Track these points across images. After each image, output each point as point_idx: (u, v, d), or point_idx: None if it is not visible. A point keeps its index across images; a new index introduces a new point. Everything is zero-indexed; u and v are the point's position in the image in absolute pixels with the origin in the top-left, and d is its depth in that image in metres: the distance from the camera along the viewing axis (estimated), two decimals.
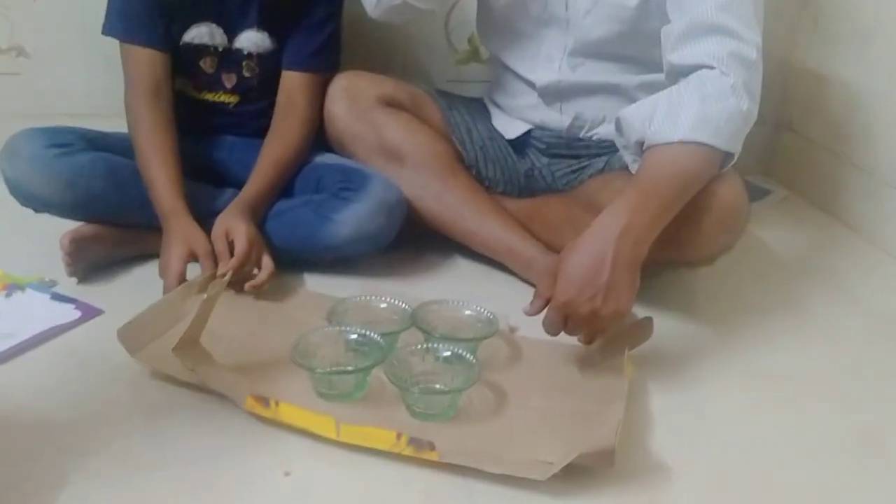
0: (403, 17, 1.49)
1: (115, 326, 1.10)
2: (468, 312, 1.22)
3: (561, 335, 1.13)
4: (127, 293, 1.30)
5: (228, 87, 1.51)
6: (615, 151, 1.36)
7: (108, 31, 1.43)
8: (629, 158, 1.28)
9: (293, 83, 1.49)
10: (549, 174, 1.54)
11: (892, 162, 1.68)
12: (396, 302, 1.23)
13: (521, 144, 1.54)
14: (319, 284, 1.39)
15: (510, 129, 1.54)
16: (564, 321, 1.10)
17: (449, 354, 1.09)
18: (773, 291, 1.50)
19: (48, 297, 1.29)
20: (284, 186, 1.45)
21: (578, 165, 1.51)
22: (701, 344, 1.30)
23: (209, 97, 1.51)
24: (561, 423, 1.05)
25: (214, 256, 1.28)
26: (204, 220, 1.33)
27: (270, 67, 1.50)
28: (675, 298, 1.40)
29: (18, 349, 1.15)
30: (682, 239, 1.23)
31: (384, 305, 1.23)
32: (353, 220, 1.38)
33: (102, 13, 1.43)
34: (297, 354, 1.06)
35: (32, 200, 1.34)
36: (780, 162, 2.05)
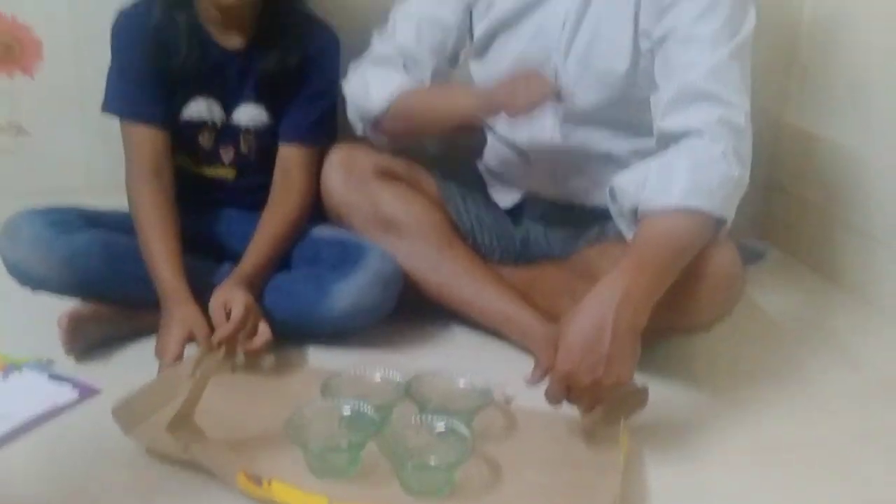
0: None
1: (111, 406, 1.11)
2: (462, 383, 1.22)
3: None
4: (125, 372, 1.30)
5: (226, 161, 1.53)
6: (610, 218, 1.37)
7: (108, 108, 1.46)
8: (624, 226, 1.29)
9: (290, 156, 1.52)
10: (545, 241, 1.55)
11: (885, 221, 1.69)
12: (390, 374, 1.23)
13: (516, 212, 1.56)
14: (315, 356, 1.39)
15: (505, 197, 1.56)
16: (566, 391, 1.10)
17: (443, 428, 1.09)
18: (771, 357, 1.50)
19: (46, 377, 1.29)
20: (282, 260, 1.46)
21: (574, 232, 1.52)
22: (699, 413, 1.29)
23: (207, 172, 1.54)
24: (557, 497, 1.04)
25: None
26: (202, 294, 1.33)
27: (267, 141, 1.53)
28: (672, 366, 1.40)
29: (15, 431, 1.14)
30: (678, 306, 1.23)
31: (378, 378, 1.23)
32: (350, 292, 1.38)
33: (101, 89, 1.45)
34: (290, 430, 1.06)
35: (30, 280, 1.35)
36: (773, 224, 2.06)
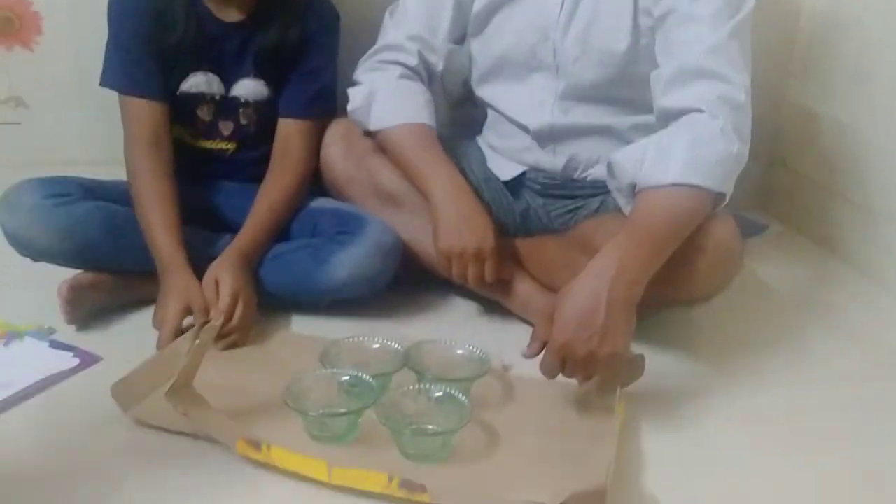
0: None
1: (113, 373, 1.12)
2: (460, 352, 1.23)
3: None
4: (125, 340, 1.31)
5: (226, 134, 1.53)
6: (610, 191, 1.37)
7: (106, 82, 1.45)
8: (622, 201, 1.29)
9: (289, 131, 1.52)
10: (544, 214, 1.55)
11: (884, 196, 1.69)
12: (389, 342, 1.23)
13: (516, 185, 1.56)
14: (314, 326, 1.39)
15: (505, 170, 1.55)
16: (562, 364, 1.11)
17: (441, 395, 1.09)
18: (769, 328, 1.50)
19: (47, 344, 1.30)
20: (280, 232, 1.46)
21: (574, 205, 1.52)
22: (697, 382, 1.29)
23: (207, 145, 1.54)
24: (553, 463, 1.05)
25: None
26: (200, 265, 1.34)
27: (267, 115, 1.52)
28: (670, 336, 1.40)
29: (16, 398, 1.15)
30: (676, 279, 1.23)
31: (377, 346, 1.23)
32: (349, 263, 1.39)
33: (100, 63, 1.45)
34: (289, 397, 1.07)
35: (30, 250, 1.35)
36: (774, 197, 2.06)
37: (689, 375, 1.31)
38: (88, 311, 1.36)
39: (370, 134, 1.49)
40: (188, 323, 1.29)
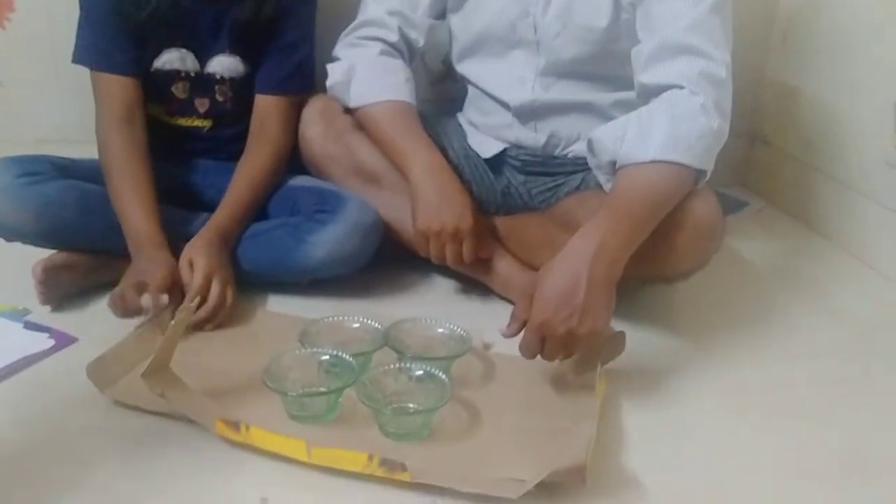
0: None
1: (89, 354, 1.10)
2: (441, 330, 1.22)
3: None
4: (101, 320, 1.29)
5: (202, 111, 1.51)
6: (590, 169, 1.37)
7: (78, 59, 1.43)
8: (602, 178, 1.28)
9: (266, 107, 1.50)
10: (525, 192, 1.54)
11: (864, 172, 1.70)
12: (369, 322, 1.22)
13: (497, 163, 1.54)
14: (293, 305, 1.38)
15: (486, 147, 1.54)
16: (541, 343, 1.10)
17: (421, 373, 1.09)
18: (750, 303, 1.51)
19: (21, 325, 1.28)
20: (258, 210, 1.45)
21: (554, 183, 1.51)
22: (677, 358, 1.29)
23: (182, 122, 1.51)
24: (533, 440, 1.05)
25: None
26: (177, 244, 1.33)
27: (243, 91, 1.50)
28: (651, 313, 1.41)
29: None
30: (657, 256, 1.23)
31: (357, 325, 1.22)
32: (328, 241, 1.37)
33: (73, 40, 1.43)
34: (268, 377, 1.06)
35: (2, 230, 1.33)
36: (755, 174, 2.06)
37: (669, 351, 1.32)
38: (63, 291, 1.34)
39: (349, 111, 1.47)
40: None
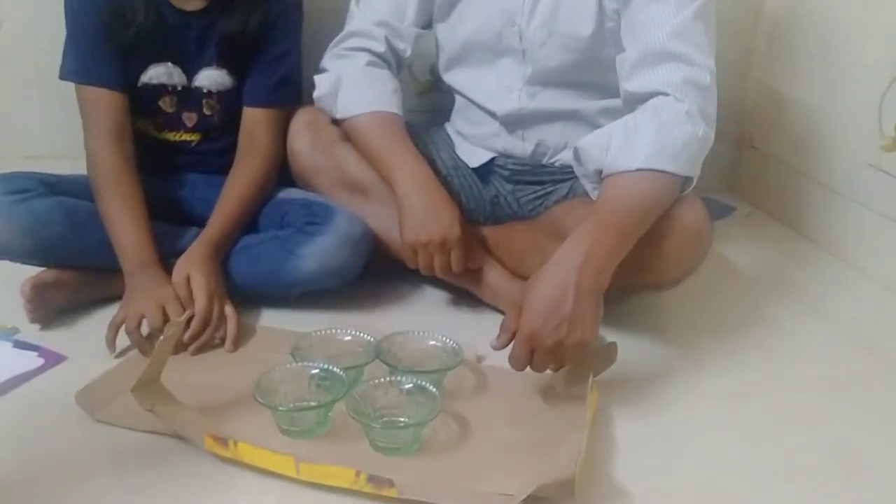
0: None
1: (79, 372, 1.11)
2: (433, 343, 1.22)
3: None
4: (91, 338, 1.29)
5: (189, 125, 1.51)
6: (578, 177, 1.37)
7: (64, 74, 1.42)
8: (589, 187, 1.29)
9: (254, 119, 1.49)
10: (514, 201, 1.54)
11: (850, 176, 1.70)
12: (360, 334, 1.23)
13: (485, 172, 1.55)
14: (285, 319, 1.38)
15: (474, 157, 1.55)
16: (530, 353, 1.10)
17: (412, 387, 1.09)
18: (739, 309, 1.51)
19: (10, 344, 1.27)
20: (248, 223, 1.44)
21: (543, 191, 1.52)
22: (667, 366, 1.30)
23: (170, 136, 1.51)
24: (524, 453, 1.05)
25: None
26: (167, 259, 1.33)
27: (231, 104, 1.50)
28: (640, 321, 1.41)
29: None
30: (645, 263, 1.24)
31: (348, 338, 1.23)
32: (318, 254, 1.37)
33: (59, 57, 1.42)
34: (258, 392, 1.06)
35: None
36: (742, 179, 2.07)
37: (659, 359, 1.32)
38: (52, 309, 1.33)
39: (337, 122, 1.47)
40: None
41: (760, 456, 1.09)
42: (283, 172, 1.51)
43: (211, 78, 1.48)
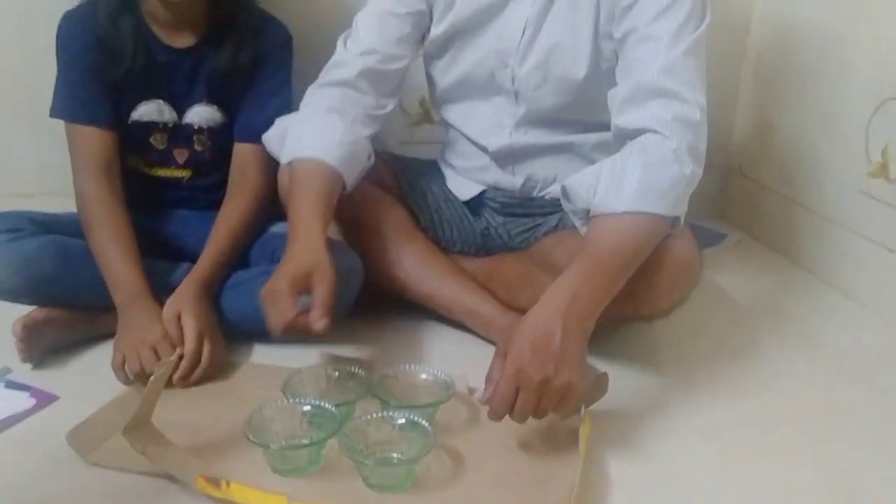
0: None
1: (71, 412, 1.10)
2: (425, 376, 1.22)
3: None
4: (83, 377, 1.29)
5: (180, 161, 1.52)
6: None
7: (56, 112, 1.44)
8: (578, 223, 1.28)
9: (245, 155, 1.50)
10: (504, 233, 1.55)
11: (839, 203, 1.71)
12: (352, 369, 1.22)
13: (476, 205, 1.55)
14: (276, 355, 1.37)
15: (464, 190, 1.55)
16: (515, 394, 1.06)
17: (404, 422, 1.08)
18: (732, 338, 1.51)
19: (2, 385, 1.27)
20: (239, 258, 1.45)
21: (533, 223, 1.52)
22: (660, 397, 1.29)
23: (161, 173, 1.52)
24: (517, 487, 1.04)
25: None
26: (159, 296, 1.33)
27: (222, 140, 1.51)
28: (632, 351, 1.41)
29: None
30: (635, 296, 1.23)
31: (340, 374, 1.22)
32: None
33: (49, 95, 1.43)
34: (249, 430, 1.05)
35: None
36: (733, 206, 2.08)
37: (651, 390, 1.31)
38: (44, 348, 1.33)
39: None
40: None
41: (756, 490, 1.08)
42: (274, 206, 1.52)
43: (201, 114, 1.49)
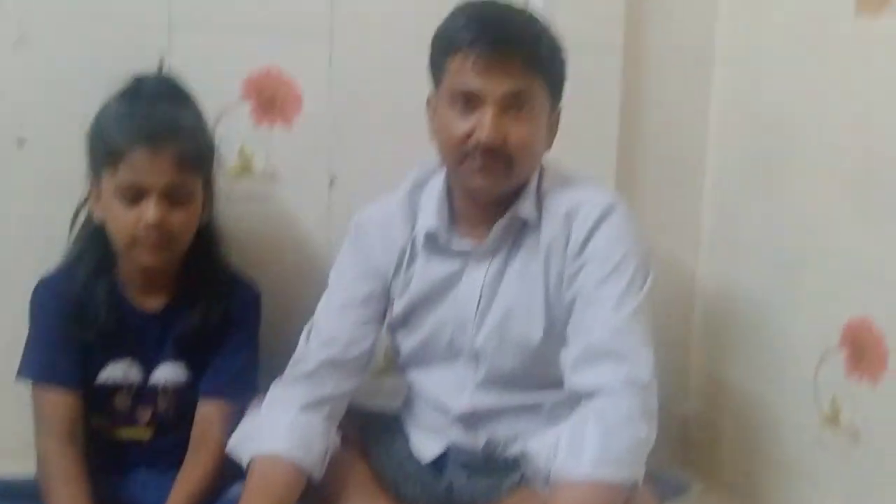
0: None
1: None
2: None
3: None
4: None
5: (143, 421, 1.51)
6: None
7: (24, 373, 1.45)
8: (540, 485, 1.30)
9: (209, 412, 1.50)
10: (468, 491, 1.53)
11: (797, 454, 1.73)
12: None
13: (439, 462, 1.55)
14: None
15: (426, 450, 1.55)
16: None
17: None
18: None
19: None
20: None
21: (497, 481, 1.50)
22: None
23: (122, 433, 1.51)
24: None
25: None
26: None
27: (186, 399, 1.52)
28: None
29: None
30: None
31: None
32: None
33: (15, 355, 1.45)
34: None
35: None
36: (693, 454, 2.07)
37: None
38: None
39: None
40: None
41: None
42: (233, 465, 1.50)
43: (167, 373, 1.51)
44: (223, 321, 1.52)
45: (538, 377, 1.46)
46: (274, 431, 1.36)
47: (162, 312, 1.50)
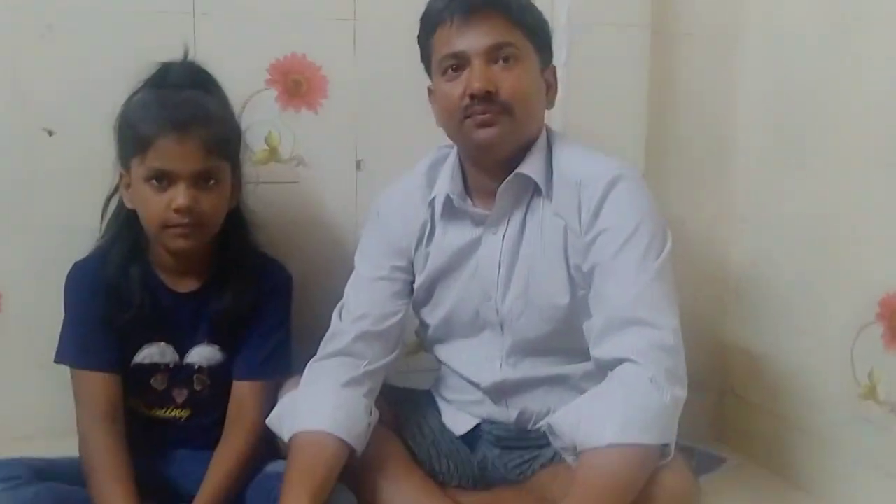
0: None
1: None
2: None
3: None
4: None
5: (179, 401, 1.54)
6: None
7: (60, 358, 1.47)
8: (569, 458, 1.29)
9: (244, 392, 1.52)
10: (501, 465, 1.54)
11: (834, 425, 1.72)
12: None
13: (472, 437, 1.56)
14: None
15: (459, 425, 1.56)
16: None
17: None
18: None
19: None
20: (235, 498, 1.43)
21: (530, 456, 1.52)
22: None
23: (160, 413, 1.54)
24: None
25: None
26: None
27: (221, 379, 1.54)
28: None
29: None
30: None
31: None
32: None
33: (55, 338, 1.48)
34: None
35: None
36: (729, 428, 2.07)
37: None
38: None
39: None
40: None
41: None
42: (270, 444, 1.52)
43: (203, 354, 1.53)
44: (256, 302, 1.54)
45: (565, 347, 1.46)
46: (316, 408, 1.37)
47: (195, 295, 1.52)
